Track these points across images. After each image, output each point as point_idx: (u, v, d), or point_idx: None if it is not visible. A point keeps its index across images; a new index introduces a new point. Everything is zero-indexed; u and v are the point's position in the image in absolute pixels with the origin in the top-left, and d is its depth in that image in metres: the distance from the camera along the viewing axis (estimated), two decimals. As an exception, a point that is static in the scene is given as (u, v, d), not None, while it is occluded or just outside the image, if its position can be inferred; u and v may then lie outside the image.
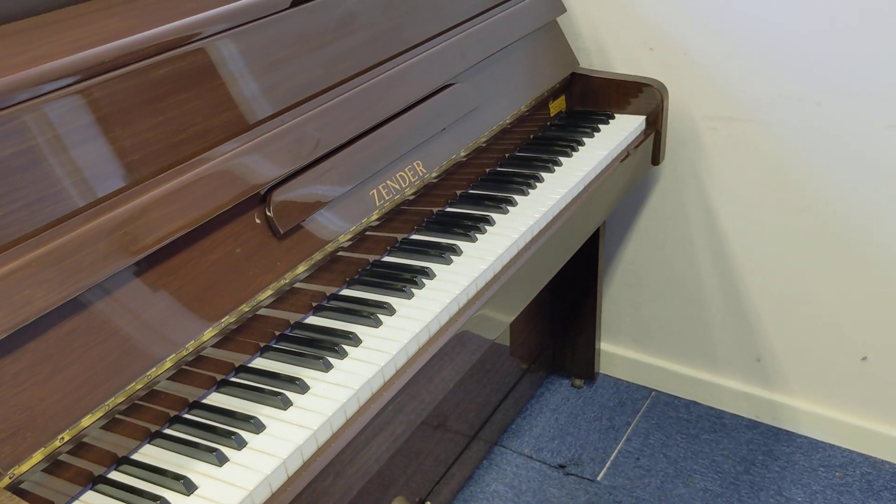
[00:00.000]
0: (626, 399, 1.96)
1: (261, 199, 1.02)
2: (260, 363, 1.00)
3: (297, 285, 1.06)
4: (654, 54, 1.66)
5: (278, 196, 1.02)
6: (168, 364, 0.89)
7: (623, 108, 1.64)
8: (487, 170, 1.44)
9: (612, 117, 1.62)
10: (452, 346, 1.07)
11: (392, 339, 1.02)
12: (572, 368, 2.01)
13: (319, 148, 1.07)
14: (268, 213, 1.01)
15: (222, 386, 0.97)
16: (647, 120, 1.61)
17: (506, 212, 1.30)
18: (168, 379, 0.90)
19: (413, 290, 1.11)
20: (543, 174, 1.41)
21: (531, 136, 1.56)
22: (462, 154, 1.34)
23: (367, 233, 1.17)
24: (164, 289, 0.89)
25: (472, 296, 1.13)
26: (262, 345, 1.02)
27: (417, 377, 1.00)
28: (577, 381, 2.00)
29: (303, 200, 1.04)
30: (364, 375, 0.96)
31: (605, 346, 2.03)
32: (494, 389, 1.79)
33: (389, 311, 1.07)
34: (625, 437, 1.85)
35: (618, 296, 1.96)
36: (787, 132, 1.58)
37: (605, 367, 2.04)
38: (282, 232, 1.01)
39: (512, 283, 1.19)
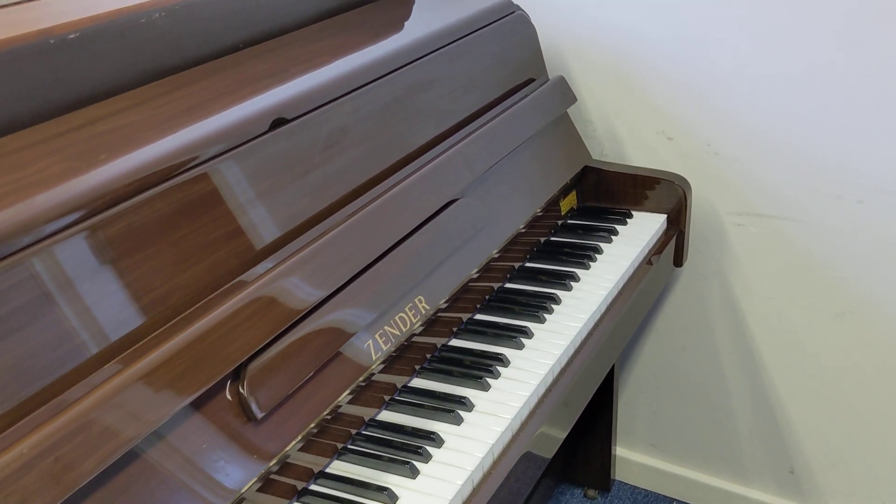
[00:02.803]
0: (644, 512, 1.78)
1: (233, 373, 0.84)
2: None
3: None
4: (672, 144, 1.50)
5: (254, 370, 0.84)
6: None
7: (641, 205, 1.48)
8: (496, 286, 1.27)
9: (630, 216, 1.46)
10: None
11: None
12: (585, 478, 1.83)
13: (305, 303, 0.90)
14: (241, 392, 0.83)
15: None
16: (668, 218, 1.45)
17: (520, 346, 1.13)
18: None
19: (418, 463, 0.93)
20: (560, 293, 1.24)
21: (542, 241, 1.39)
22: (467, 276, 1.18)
23: (361, 385, 1.00)
24: (112, 518, 0.71)
25: (487, 469, 0.95)
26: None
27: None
28: (591, 492, 1.82)
29: (283, 372, 0.87)
30: None
31: (620, 451, 1.85)
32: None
33: (391, 498, 0.89)
34: (646, 560, 1.67)
35: (634, 399, 1.79)
36: (824, 231, 1.43)
37: (619, 473, 1.86)
38: (259, 417, 0.83)
39: (531, 443, 1.01)
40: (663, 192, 1.45)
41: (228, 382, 0.83)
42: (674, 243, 1.45)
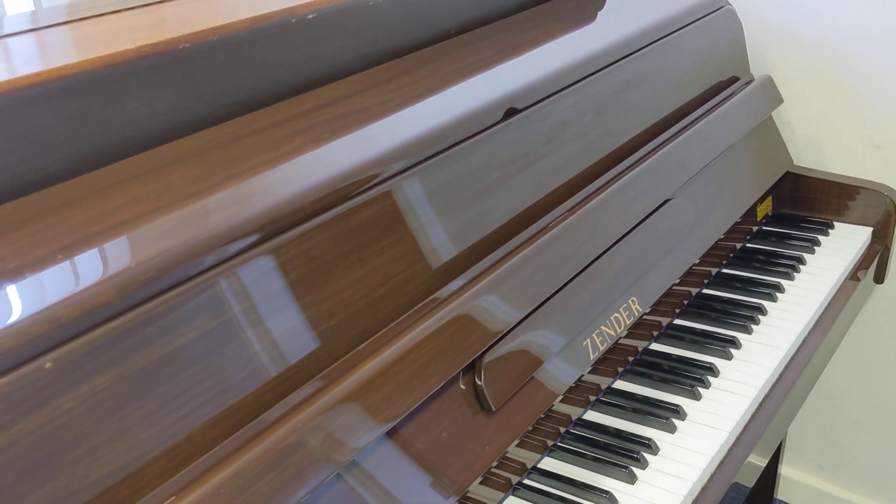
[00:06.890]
0: (810, 536, 1.70)
1: (469, 364, 0.83)
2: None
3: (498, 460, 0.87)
4: (880, 153, 1.42)
5: (489, 361, 0.83)
6: None
7: (842, 216, 1.40)
8: (693, 291, 1.22)
9: (831, 226, 1.38)
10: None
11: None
12: (746, 494, 1.76)
13: (533, 299, 0.88)
14: (477, 383, 0.82)
15: None
16: (873, 232, 1.37)
17: (729, 357, 1.08)
18: None
19: (634, 468, 0.90)
20: (766, 304, 1.18)
21: (737, 247, 1.33)
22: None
23: (571, 388, 0.97)
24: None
25: (706, 482, 0.91)
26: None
27: None
28: (752, 510, 1.75)
29: (516, 365, 0.85)
30: None
31: (785, 469, 1.77)
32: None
33: (611, 501, 0.87)
34: (813, 587, 1.59)
35: (805, 416, 1.70)
36: None
37: (782, 492, 1.78)
38: (494, 408, 0.82)
39: (747, 451, 0.97)
40: (869, 203, 1.37)
41: (461, 374, 0.83)
42: (878, 258, 1.36)
